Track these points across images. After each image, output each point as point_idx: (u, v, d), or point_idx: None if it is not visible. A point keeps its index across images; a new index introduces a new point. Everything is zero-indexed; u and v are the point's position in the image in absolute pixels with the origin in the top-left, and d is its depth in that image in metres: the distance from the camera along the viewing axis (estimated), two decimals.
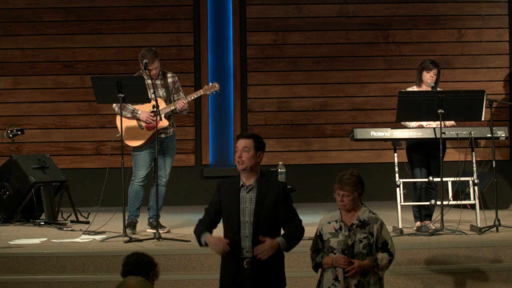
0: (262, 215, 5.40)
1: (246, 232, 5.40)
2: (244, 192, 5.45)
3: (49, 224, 9.09)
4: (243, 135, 5.53)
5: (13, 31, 11.30)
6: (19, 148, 11.28)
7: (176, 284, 7.21)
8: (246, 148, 5.43)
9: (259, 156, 5.47)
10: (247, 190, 5.45)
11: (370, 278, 5.44)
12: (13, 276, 7.26)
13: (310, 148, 11.52)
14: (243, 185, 5.46)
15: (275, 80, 11.50)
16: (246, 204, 5.43)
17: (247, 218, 5.41)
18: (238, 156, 5.44)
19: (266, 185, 5.47)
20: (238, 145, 5.46)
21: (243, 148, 5.44)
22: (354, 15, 11.54)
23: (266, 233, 5.38)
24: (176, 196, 10.96)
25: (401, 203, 8.20)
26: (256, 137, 5.53)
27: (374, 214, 5.55)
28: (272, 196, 5.44)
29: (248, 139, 5.47)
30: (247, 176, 5.46)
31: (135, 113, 8.46)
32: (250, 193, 5.45)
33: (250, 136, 5.51)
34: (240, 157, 5.43)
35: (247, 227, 5.40)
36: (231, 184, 5.50)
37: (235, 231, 5.40)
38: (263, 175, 5.52)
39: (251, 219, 5.39)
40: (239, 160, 5.44)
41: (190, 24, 11.45)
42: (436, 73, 8.43)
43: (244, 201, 5.44)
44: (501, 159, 11.40)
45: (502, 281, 7.31)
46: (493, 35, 11.61)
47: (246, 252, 5.40)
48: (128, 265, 4.98)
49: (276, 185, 5.53)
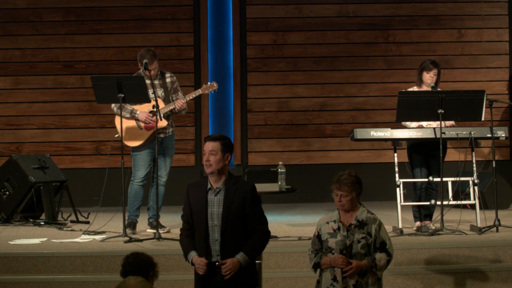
0: (230, 219, 5.37)
1: (216, 236, 5.37)
2: (212, 195, 5.42)
3: (49, 224, 9.09)
4: (210, 137, 5.48)
5: (13, 31, 11.30)
6: (19, 148, 11.28)
7: (176, 284, 7.21)
8: (213, 152, 5.40)
9: (226, 158, 5.43)
10: (214, 193, 5.42)
11: (369, 278, 5.44)
12: (13, 276, 7.26)
13: (310, 148, 11.51)
14: (210, 188, 5.43)
15: (275, 80, 11.50)
16: (214, 208, 5.40)
17: (215, 221, 5.38)
18: (205, 160, 5.40)
19: (233, 187, 5.43)
20: (205, 148, 5.42)
21: (210, 151, 5.40)
22: (354, 15, 11.54)
23: (235, 236, 5.36)
24: (176, 196, 10.94)
25: (401, 203, 8.20)
26: (224, 139, 5.48)
27: (372, 214, 5.55)
28: (240, 198, 5.40)
29: (215, 141, 5.43)
30: (215, 179, 5.43)
31: (134, 113, 8.46)
32: (218, 196, 5.42)
33: (217, 138, 5.46)
34: (207, 160, 5.39)
35: (216, 230, 5.37)
36: (199, 187, 5.48)
37: (204, 235, 5.38)
38: (230, 177, 5.48)
39: (219, 223, 5.36)
40: (206, 164, 5.39)
41: (190, 24, 11.44)
42: (436, 73, 8.43)
43: (212, 205, 5.41)
44: (501, 159, 11.40)
45: (502, 281, 7.31)
46: (493, 35, 11.61)
47: (217, 256, 5.37)
48: (128, 265, 4.97)
49: (244, 187, 5.47)
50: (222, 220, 5.36)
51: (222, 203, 5.39)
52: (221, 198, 5.40)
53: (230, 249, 5.36)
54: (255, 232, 5.43)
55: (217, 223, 5.37)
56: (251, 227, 5.41)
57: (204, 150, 5.42)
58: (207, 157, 5.39)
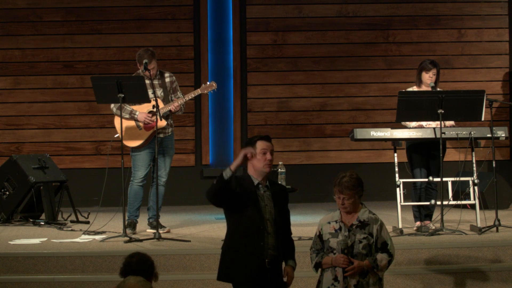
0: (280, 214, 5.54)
1: (269, 229, 5.48)
2: (261, 191, 5.54)
3: (49, 224, 9.09)
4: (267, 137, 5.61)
5: (13, 31, 11.30)
6: (19, 148, 11.28)
7: (176, 284, 7.21)
8: (273, 151, 5.58)
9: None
10: (264, 190, 5.55)
11: (370, 279, 5.44)
12: (13, 276, 7.26)
13: (310, 148, 11.52)
14: (260, 183, 5.55)
15: (275, 80, 11.50)
16: (266, 202, 5.52)
17: (267, 215, 5.49)
18: (268, 159, 5.52)
19: (275, 187, 5.64)
20: (266, 147, 5.54)
21: (271, 150, 5.56)
22: (354, 15, 11.54)
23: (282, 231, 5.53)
24: (176, 196, 10.97)
25: (401, 203, 8.20)
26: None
27: (374, 215, 5.55)
28: (283, 198, 5.62)
29: (271, 142, 5.61)
30: (265, 178, 5.58)
31: (133, 113, 8.46)
32: (266, 192, 5.55)
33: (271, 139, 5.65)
34: (270, 159, 5.53)
35: (269, 224, 5.48)
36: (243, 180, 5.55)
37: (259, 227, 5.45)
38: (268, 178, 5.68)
39: (271, 217, 5.49)
40: (269, 163, 5.53)
41: (190, 24, 11.45)
42: (435, 73, 8.43)
43: (262, 199, 5.52)
44: (501, 159, 11.40)
45: (502, 281, 7.31)
46: (493, 35, 11.61)
47: (268, 249, 5.46)
48: (132, 264, 4.94)
49: (281, 187, 5.75)
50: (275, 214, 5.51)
51: (271, 198, 5.54)
52: (269, 195, 5.55)
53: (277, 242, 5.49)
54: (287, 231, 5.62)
55: (269, 217, 5.50)
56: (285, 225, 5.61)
57: (265, 149, 5.52)
58: (269, 156, 5.53)
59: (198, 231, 8.66)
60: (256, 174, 5.55)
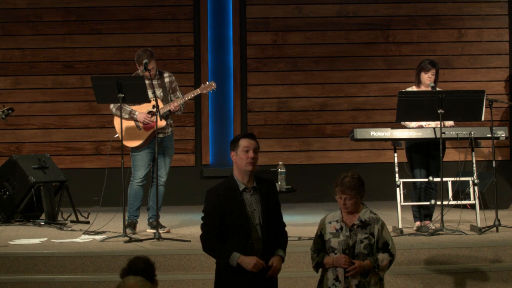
0: (269, 216, 5.35)
1: (259, 235, 5.31)
2: (248, 195, 5.35)
3: (49, 224, 9.09)
4: (251, 135, 5.39)
5: (13, 31, 11.30)
6: (19, 148, 11.28)
7: (176, 284, 7.21)
8: (256, 149, 5.34)
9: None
10: (250, 193, 5.36)
11: (371, 279, 5.44)
12: (13, 276, 7.26)
13: (310, 148, 11.51)
14: (245, 188, 5.35)
15: (275, 80, 11.50)
16: (254, 207, 5.34)
17: (256, 220, 5.31)
18: (251, 157, 5.29)
19: (261, 184, 5.40)
20: (249, 145, 5.31)
21: (254, 148, 5.33)
22: (354, 15, 11.54)
23: (273, 232, 5.36)
24: (176, 196, 10.97)
25: (401, 203, 8.20)
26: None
27: (375, 215, 5.54)
28: (271, 195, 5.41)
29: (255, 140, 5.38)
30: (249, 179, 5.36)
31: (132, 114, 8.46)
32: (253, 195, 5.36)
33: (255, 137, 5.43)
34: (253, 158, 5.29)
35: (258, 230, 5.31)
36: (228, 189, 5.35)
37: (245, 235, 5.27)
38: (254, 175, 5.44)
39: (260, 221, 5.31)
40: (252, 161, 5.28)
41: (190, 24, 11.44)
42: (435, 74, 8.43)
43: (250, 204, 5.33)
44: (501, 159, 11.40)
45: (502, 281, 7.31)
46: (493, 35, 11.61)
47: (260, 255, 5.30)
48: (136, 265, 4.93)
49: (268, 183, 5.45)
50: (263, 218, 5.30)
51: (259, 202, 5.33)
52: (257, 197, 5.33)
53: (271, 246, 5.34)
54: (279, 225, 5.44)
55: (258, 221, 5.30)
56: (276, 220, 5.42)
57: (248, 147, 5.30)
58: (252, 154, 5.28)
59: (198, 231, 8.56)
60: (241, 175, 5.33)
